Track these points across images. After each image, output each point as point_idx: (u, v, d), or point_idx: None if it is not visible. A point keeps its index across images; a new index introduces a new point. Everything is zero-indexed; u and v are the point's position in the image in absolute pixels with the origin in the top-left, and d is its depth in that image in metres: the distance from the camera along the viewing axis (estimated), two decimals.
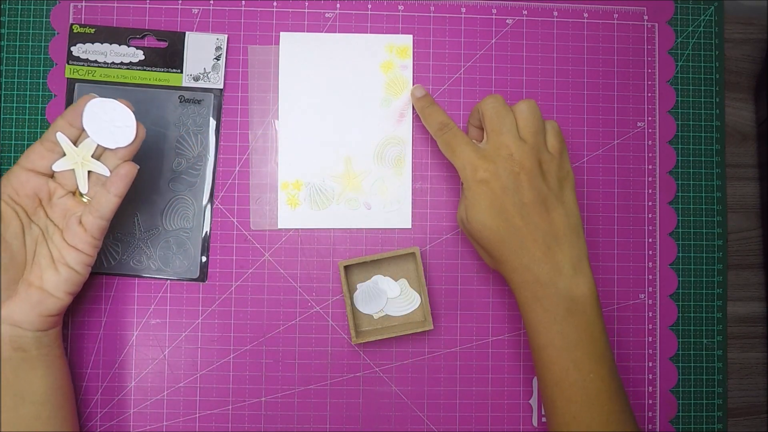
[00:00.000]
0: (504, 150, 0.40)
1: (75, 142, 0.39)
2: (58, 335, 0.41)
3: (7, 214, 0.38)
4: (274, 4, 0.48)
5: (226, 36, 0.48)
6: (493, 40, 0.49)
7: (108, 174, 0.39)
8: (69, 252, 0.39)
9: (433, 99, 0.47)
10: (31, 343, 0.39)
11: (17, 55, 0.47)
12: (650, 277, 0.49)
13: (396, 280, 0.47)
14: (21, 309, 0.38)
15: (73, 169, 0.39)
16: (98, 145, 0.39)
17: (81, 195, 0.40)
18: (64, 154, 0.39)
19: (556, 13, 0.50)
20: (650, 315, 0.49)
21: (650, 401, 0.48)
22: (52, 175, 0.39)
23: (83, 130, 0.39)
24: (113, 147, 0.39)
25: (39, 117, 0.47)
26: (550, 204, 0.40)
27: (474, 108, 0.43)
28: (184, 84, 0.47)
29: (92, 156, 0.39)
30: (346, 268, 0.45)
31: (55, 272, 0.39)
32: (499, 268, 0.41)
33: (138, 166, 0.40)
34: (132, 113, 0.39)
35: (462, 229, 0.44)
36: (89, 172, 0.39)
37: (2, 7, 0.47)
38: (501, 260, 0.40)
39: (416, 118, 0.48)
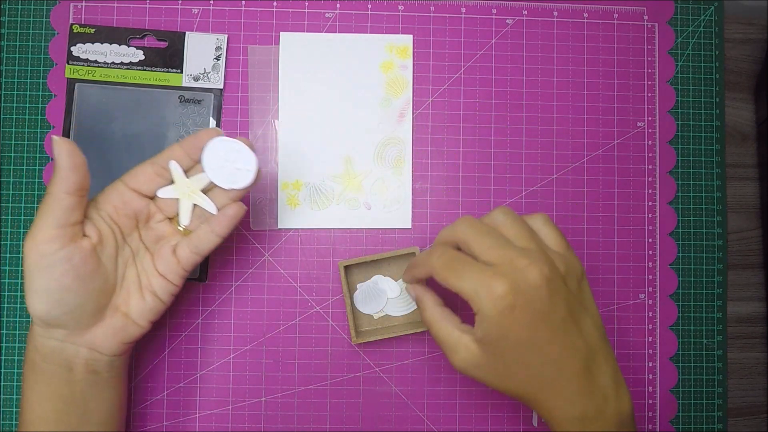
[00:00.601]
0: (516, 262, 0.33)
1: (186, 172, 0.37)
2: (129, 358, 0.40)
3: (106, 234, 0.36)
4: (274, 4, 0.48)
5: (226, 36, 0.48)
6: (493, 40, 0.49)
7: (215, 212, 0.38)
8: (158, 280, 0.37)
9: (415, 265, 0.38)
10: (105, 366, 0.38)
11: (17, 55, 0.47)
12: (650, 277, 0.49)
13: (396, 280, 0.47)
14: (104, 334, 0.37)
15: (177, 199, 0.38)
16: (211, 182, 0.37)
17: (178, 223, 0.38)
18: (173, 182, 0.37)
19: (556, 13, 0.50)
20: (650, 315, 0.49)
21: (650, 401, 0.48)
22: (153, 197, 0.38)
23: (198, 162, 0.37)
24: (227, 188, 0.37)
25: (39, 117, 0.47)
26: (577, 315, 0.34)
27: (441, 237, 0.37)
28: (184, 84, 0.47)
29: (201, 190, 0.37)
30: (346, 268, 0.45)
31: (141, 299, 0.37)
32: (532, 406, 0.35)
33: (246, 207, 0.38)
34: (255, 157, 0.37)
35: (473, 377, 0.35)
36: (194, 204, 0.38)
37: (2, 7, 0.47)
38: (536, 399, 0.34)
39: (416, 118, 0.48)
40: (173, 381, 0.46)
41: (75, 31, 0.47)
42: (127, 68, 0.47)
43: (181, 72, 0.47)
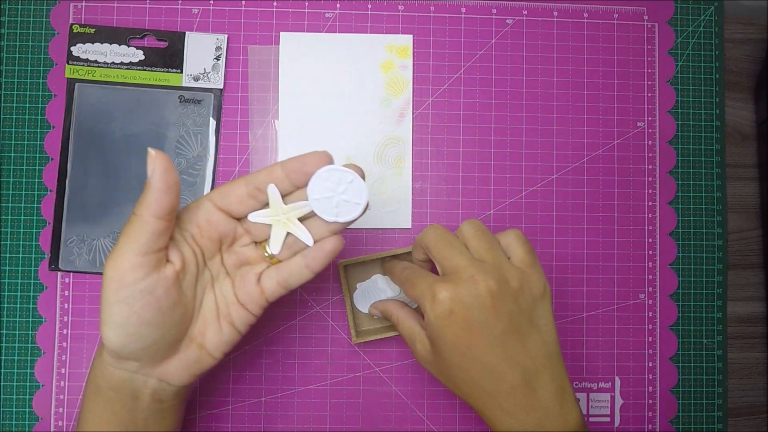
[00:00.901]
0: (463, 272, 0.34)
1: (284, 197, 0.34)
2: (193, 385, 0.37)
3: (188, 258, 0.33)
4: (274, 4, 0.48)
5: (226, 36, 0.48)
6: (493, 40, 0.49)
7: (311, 244, 0.34)
8: (237, 309, 0.34)
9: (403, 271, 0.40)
10: (170, 395, 0.35)
11: (17, 55, 0.47)
12: (650, 277, 0.49)
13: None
14: (176, 367, 0.34)
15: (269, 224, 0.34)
16: (312, 212, 0.33)
17: (266, 250, 0.35)
18: (267, 205, 0.33)
19: (556, 13, 0.50)
20: (650, 315, 0.49)
21: (650, 401, 0.48)
22: (240, 219, 0.34)
23: (299, 187, 0.33)
24: (330, 220, 0.33)
25: (39, 117, 0.47)
26: (524, 331, 0.34)
27: (416, 242, 0.39)
28: (184, 84, 0.47)
29: (298, 218, 0.33)
30: (346, 267, 0.45)
31: (219, 330, 0.34)
32: (479, 414, 0.36)
33: (344, 241, 0.34)
34: (367, 190, 0.33)
35: (430, 371, 0.38)
36: (287, 233, 0.34)
37: (2, 7, 0.47)
38: (478, 407, 0.35)
39: (416, 118, 0.48)
40: None
41: (75, 31, 0.47)
42: (127, 68, 0.47)
43: (181, 72, 0.47)
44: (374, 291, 0.46)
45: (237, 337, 0.35)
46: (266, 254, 0.35)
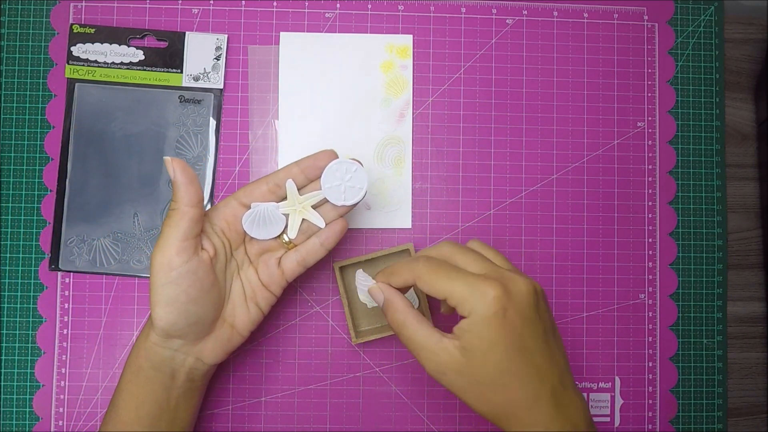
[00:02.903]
0: (504, 273, 0.34)
1: (298, 189, 0.39)
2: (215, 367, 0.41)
3: (219, 248, 0.38)
4: (274, 4, 0.48)
5: (226, 36, 0.48)
6: (493, 40, 0.49)
7: (323, 226, 0.40)
8: (262, 291, 0.39)
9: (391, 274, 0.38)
10: (202, 374, 0.39)
11: (17, 55, 0.47)
12: (650, 277, 0.49)
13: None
14: (213, 345, 0.38)
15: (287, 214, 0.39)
16: (323, 198, 0.39)
17: (281, 237, 0.40)
18: (284, 199, 0.39)
19: (556, 13, 0.50)
20: (650, 315, 0.49)
21: (650, 401, 0.48)
22: None
23: (312, 180, 0.39)
24: (339, 204, 0.39)
25: (39, 117, 0.47)
26: (553, 330, 0.35)
27: (422, 253, 0.38)
28: (184, 84, 0.47)
29: (311, 206, 0.40)
30: (342, 268, 0.45)
31: (246, 311, 0.39)
32: (501, 424, 0.34)
33: (348, 224, 0.40)
34: (367, 177, 0.39)
35: (448, 385, 0.34)
36: (302, 220, 0.40)
37: (2, 7, 0.47)
38: (510, 414, 0.33)
39: (416, 118, 0.48)
40: None
41: (75, 31, 0.47)
42: (127, 68, 0.47)
43: (181, 72, 0.47)
44: (272, 218, 0.42)
45: (261, 317, 0.40)
46: (284, 241, 0.40)
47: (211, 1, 0.48)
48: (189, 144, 0.47)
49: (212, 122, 0.47)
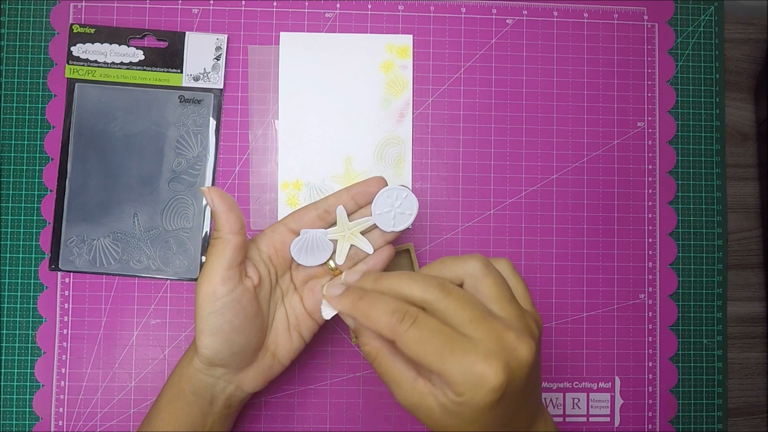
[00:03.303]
0: (505, 337, 0.29)
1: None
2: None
3: (264, 275, 0.37)
4: (274, 4, 0.48)
5: (226, 36, 0.48)
6: (493, 40, 0.49)
7: (371, 252, 0.39)
8: (305, 320, 0.39)
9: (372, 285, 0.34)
10: (239, 401, 0.39)
11: (17, 55, 0.47)
12: (650, 277, 0.49)
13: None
14: (254, 373, 0.38)
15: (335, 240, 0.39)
16: (372, 225, 0.39)
17: (328, 264, 0.39)
18: (332, 225, 0.39)
19: (556, 13, 0.50)
20: (650, 315, 0.49)
21: (650, 401, 0.48)
22: None
23: (361, 206, 0.39)
24: (388, 230, 0.39)
25: (39, 117, 0.47)
26: (539, 370, 0.33)
27: (406, 287, 0.31)
28: (184, 84, 0.47)
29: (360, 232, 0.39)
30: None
31: (289, 339, 0.39)
32: None
33: (394, 249, 0.40)
34: (416, 202, 0.38)
35: (419, 418, 0.32)
36: (350, 246, 0.39)
37: (2, 7, 0.47)
38: None
39: (416, 118, 0.48)
40: None
41: (75, 31, 0.47)
42: (127, 68, 0.47)
43: (181, 72, 0.47)
44: (320, 245, 0.39)
45: (303, 346, 0.39)
46: (331, 267, 0.39)
47: (211, 1, 0.48)
48: (189, 144, 0.47)
49: (212, 122, 0.47)
